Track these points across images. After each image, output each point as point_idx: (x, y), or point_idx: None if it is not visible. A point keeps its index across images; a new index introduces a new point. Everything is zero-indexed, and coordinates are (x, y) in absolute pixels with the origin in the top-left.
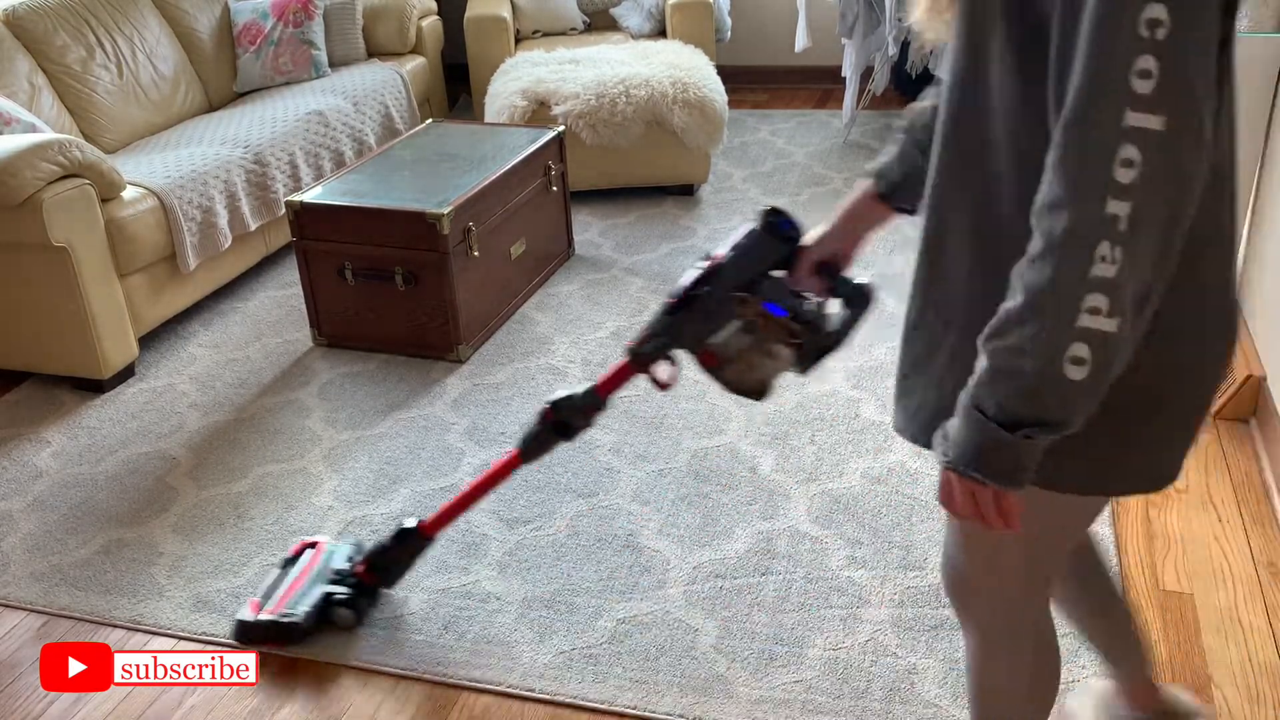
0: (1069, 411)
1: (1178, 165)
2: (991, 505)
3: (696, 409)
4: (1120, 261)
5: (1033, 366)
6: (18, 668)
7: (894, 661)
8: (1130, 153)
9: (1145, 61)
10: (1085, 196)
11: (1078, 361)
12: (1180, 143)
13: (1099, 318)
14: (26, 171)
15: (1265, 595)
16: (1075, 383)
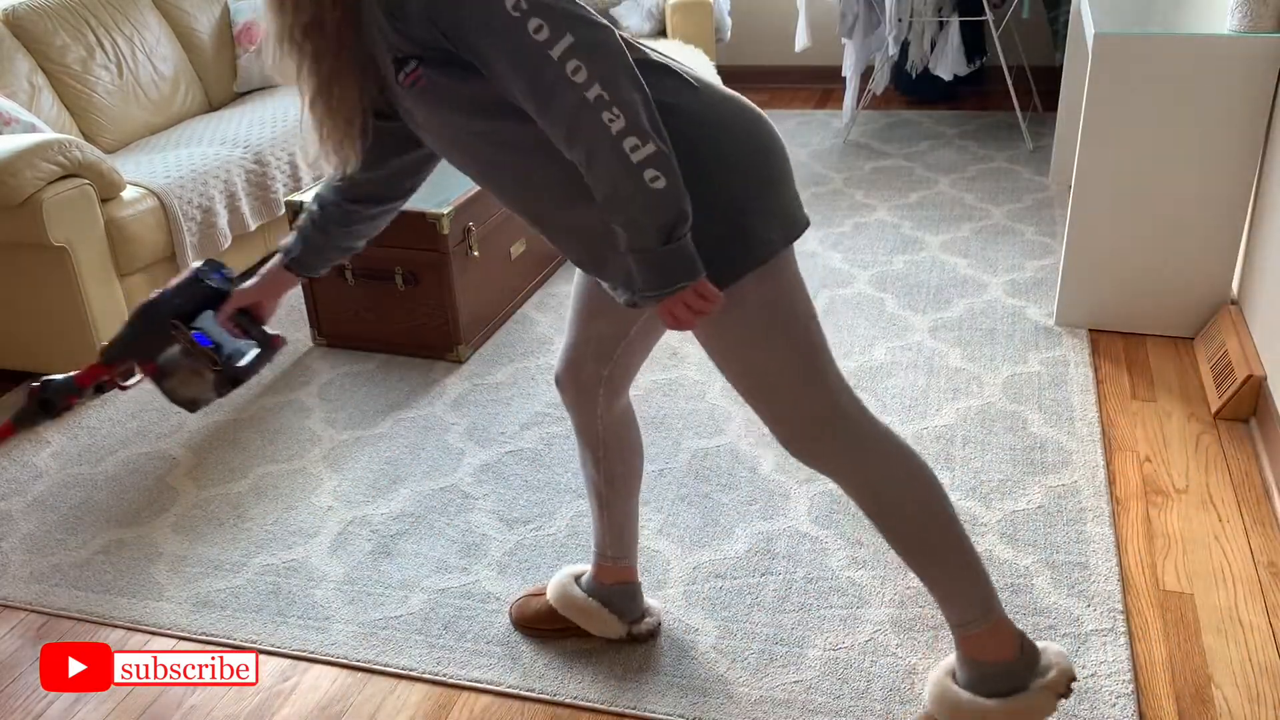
0: (682, 202)
1: (597, 46)
2: (696, 298)
3: (696, 409)
4: (619, 112)
5: (640, 204)
6: (18, 668)
7: (894, 661)
8: (571, 66)
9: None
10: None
11: (654, 179)
12: (590, 39)
13: (641, 148)
14: (26, 171)
15: (1265, 595)
16: (665, 189)
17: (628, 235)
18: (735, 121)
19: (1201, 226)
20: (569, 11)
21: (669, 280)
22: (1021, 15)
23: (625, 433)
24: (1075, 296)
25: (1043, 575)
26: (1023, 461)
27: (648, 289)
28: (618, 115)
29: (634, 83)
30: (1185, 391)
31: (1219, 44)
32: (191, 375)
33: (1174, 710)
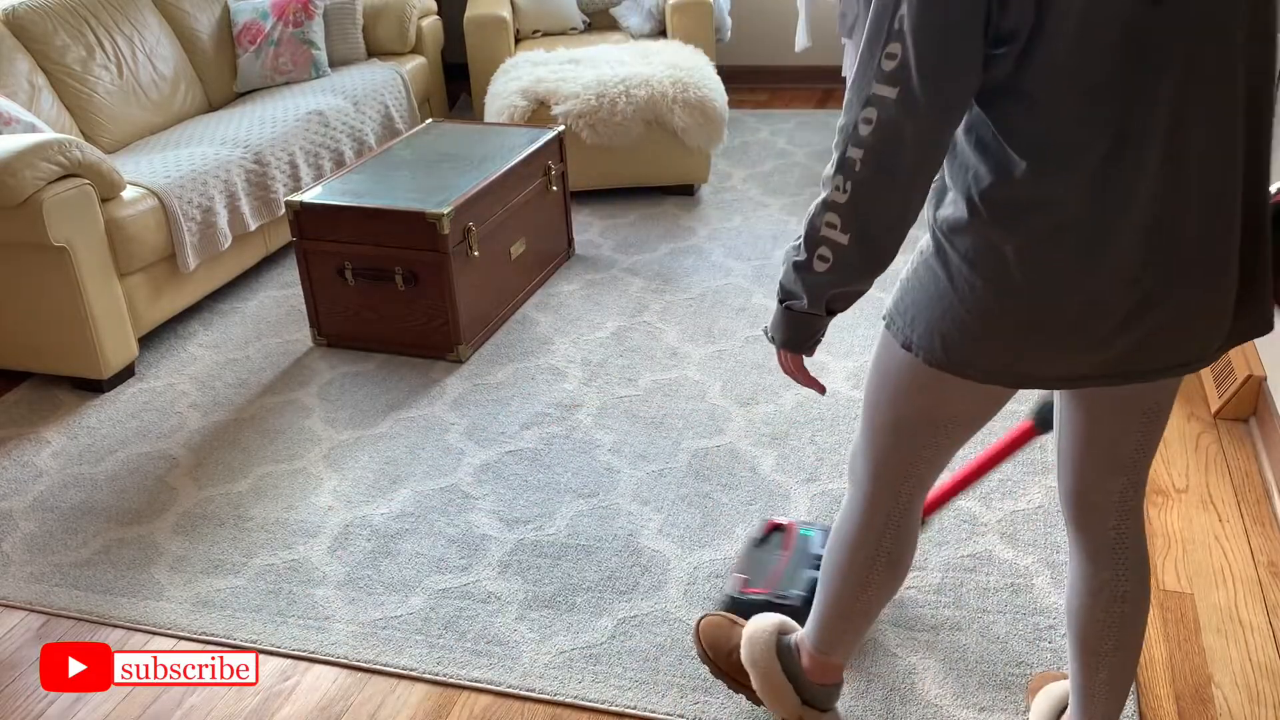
0: (814, 293)
1: (899, 128)
2: (787, 363)
3: (696, 409)
4: (849, 192)
5: (792, 259)
6: (18, 668)
7: (894, 661)
8: (869, 113)
9: (893, 46)
10: (838, 143)
11: (823, 259)
12: (905, 114)
13: (834, 231)
14: (26, 171)
15: (1265, 595)
16: (821, 274)
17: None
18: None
19: None
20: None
21: (774, 328)
22: None
23: None
24: None
25: (1043, 575)
26: (1023, 461)
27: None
28: (844, 189)
29: (890, 174)
30: (1185, 391)
31: None
32: None
33: (1174, 710)
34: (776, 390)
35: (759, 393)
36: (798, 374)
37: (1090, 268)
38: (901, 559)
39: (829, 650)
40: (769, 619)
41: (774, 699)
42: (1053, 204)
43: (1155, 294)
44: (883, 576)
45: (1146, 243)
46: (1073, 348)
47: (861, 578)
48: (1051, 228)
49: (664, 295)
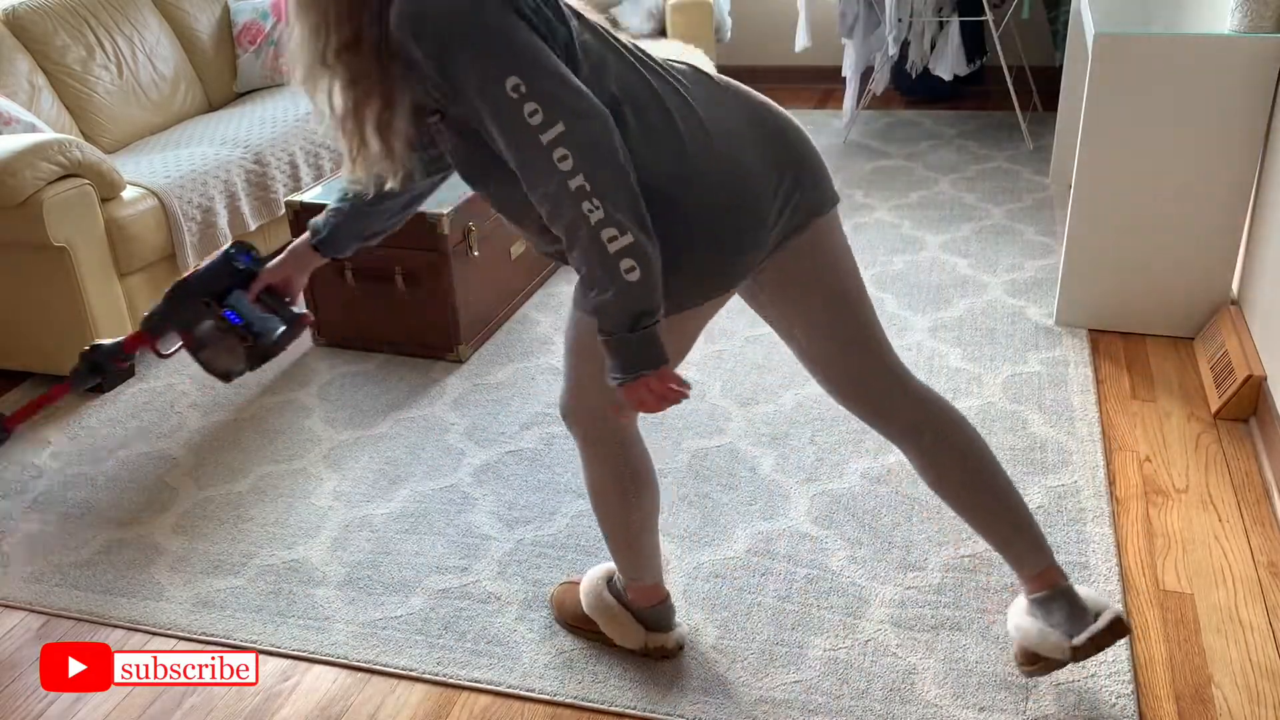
0: (652, 297)
1: (585, 138)
2: (659, 384)
3: (696, 409)
4: (598, 203)
5: (612, 292)
6: (18, 668)
7: (894, 661)
8: (561, 151)
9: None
10: (564, 201)
11: (630, 270)
12: (580, 130)
13: (619, 239)
14: (26, 171)
15: (1265, 595)
16: (637, 282)
17: (599, 318)
18: (704, 189)
19: (1201, 226)
20: (563, 101)
21: (632, 366)
22: (1021, 15)
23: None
24: (1075, 296)
25: None
26: (1023, 461)
27: (613, 372)
28: (597, 206)
29: (617, 175)
30: (1185, 391)
31: (1219, 44)
32: (224, 349)
33: (1174, 710)
34: (776, 390)
35: (759, 393)
36: (670, 389)
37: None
38: (645, 475)
39: (638, 576)
40: (597, 571)
41: (620, 634)
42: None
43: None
44: (638, 496)
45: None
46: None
47: (623, 505)
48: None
49: None
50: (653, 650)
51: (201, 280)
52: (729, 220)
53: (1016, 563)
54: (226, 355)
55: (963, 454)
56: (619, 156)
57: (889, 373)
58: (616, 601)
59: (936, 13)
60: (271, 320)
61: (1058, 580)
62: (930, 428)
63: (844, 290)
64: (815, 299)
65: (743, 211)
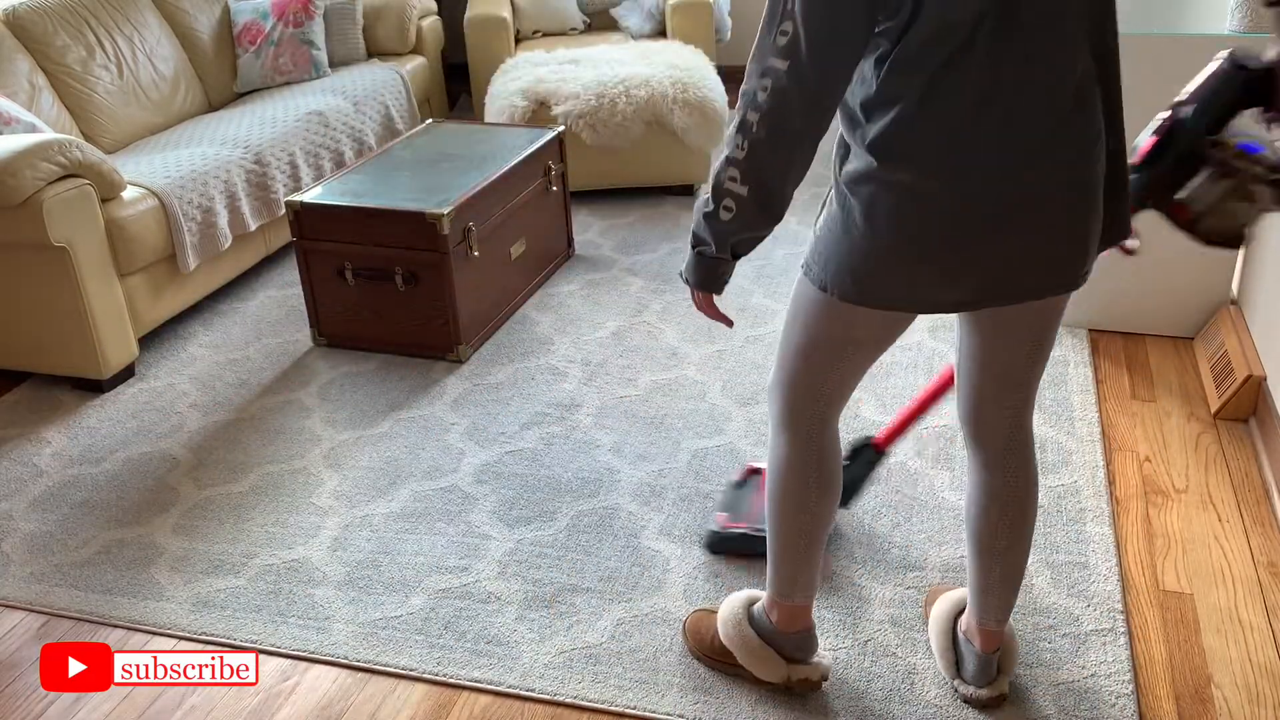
0: (720, 239)
1: (789, 95)
2: (702, 303)
3: (696, 409)
4: (746, 150)
5: (701, 210)
6: (18, 668)
7: (894, 661)
8: (768, 81)
9: (785, 25)
10: (739, 107)
11: (727, 209)
12: (795, 84)
13: (735, 184)
14: (26, 171)
15: (1265, 595)
16: (725, 221)
17: (693, 220)
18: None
19: None
20: (802, 42)
21: (689, 271)
22: None
23: None
24: (1075, 296)
25: (1043, 575)
26: None
27: (683, 267)
28: (742, 146)
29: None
30: (1185, 391)
31: (1219, 44)
32: (1233, 199)
33: (1174, 710)
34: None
35: (759, 393)
36: (709, 310)
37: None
38: (829, 476)
39: (789, 593)
40: (736, 598)
41: (760, 667)
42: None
43: (1020, 226)
44: (816, 495)
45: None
46: (958, 275)
47: (798, 501)
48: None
49: (664, 295)
50: (796, 684)
51: (1206, 107)
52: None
53: (986, 613)
54: (1242, 208)
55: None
56: (805, 127)
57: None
58: (756, 634)
59: None
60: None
61: (993, 646)
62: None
63: (1037, 359)
64: (1007, 355)
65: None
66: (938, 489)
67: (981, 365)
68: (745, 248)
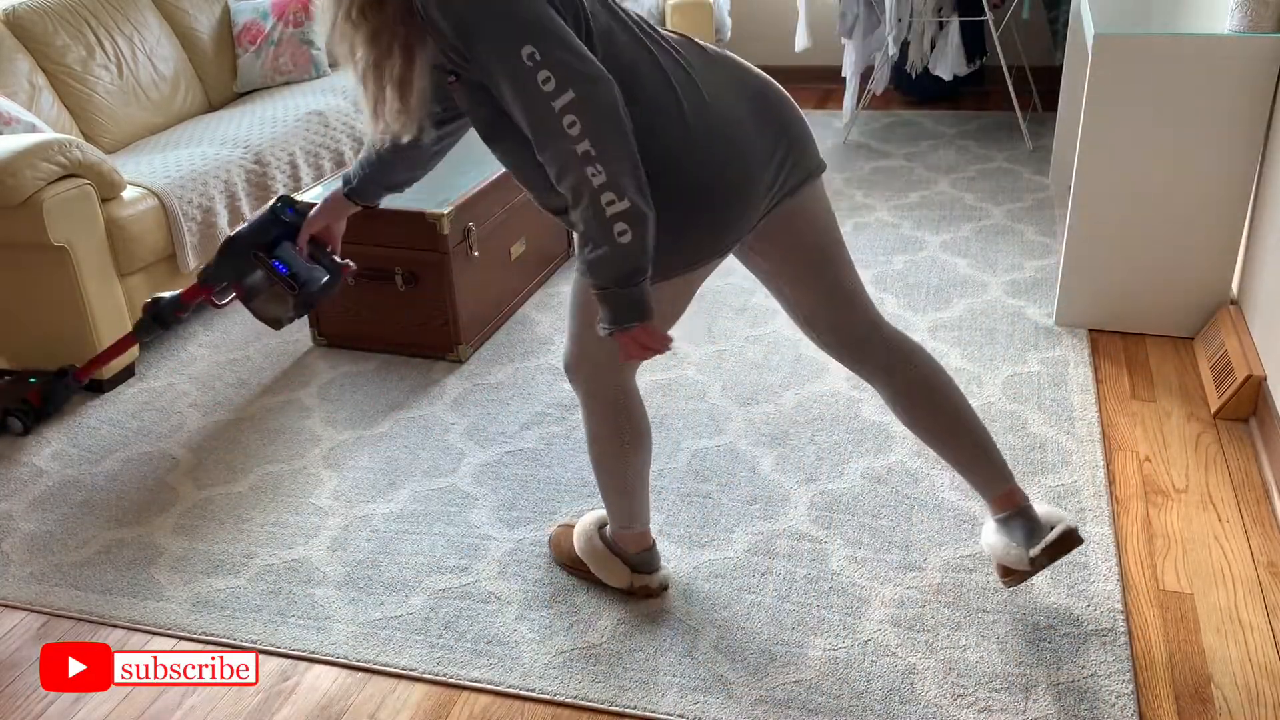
0: (641, 259)
1: (593, 106)
2: (646, 336)
3: (696, 409)
4: (602, 168)
5: (605, 251)
6: (18, 668)
7: (894, 661)
8: (570, 118)
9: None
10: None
11: (623, 233)
12: (589, 98)
13: (616, 204)
14: (26, 171)
15: (1265, 595)
16: (629, 244)
17: (592, 273)
18: (704, 160)
19: (1201, 226)
20: (574, 69)
21: (621, 318)
22: (1021, 15)
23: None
24: (1075, 296)
25: (1043, 575)
26: (1023, 461)
27: (604, 322)
28: (600, 171)
29: (620, 143)
30: (1185, 391)
31: (1219, 44)
32: (273, 298)
33: (1174, 710)
34: (776, 390)
35: (759, 393)
36: (654, 342)
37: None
38: (641, 428)
39: (628, 524)
40: (589, 518)
41: (608, 574)
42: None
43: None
44: (631, 450)
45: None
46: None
47: (619, 456)
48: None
49: None
50: (638, 589)
51: (251, 234)
52: (726, 190)
53: (982, 487)
54: (276, 303)
55: (931, 390)
56: (624, 125)
57: (865, 321)
58: (606, 547)
59: (936, 13)
60: (316, 270)
61: (1018, 501)
62: (901, 369)
63: (827, 247)
64: (801, 256)
65: (739, 182)
66: (938, 489)
67: (793, 279)
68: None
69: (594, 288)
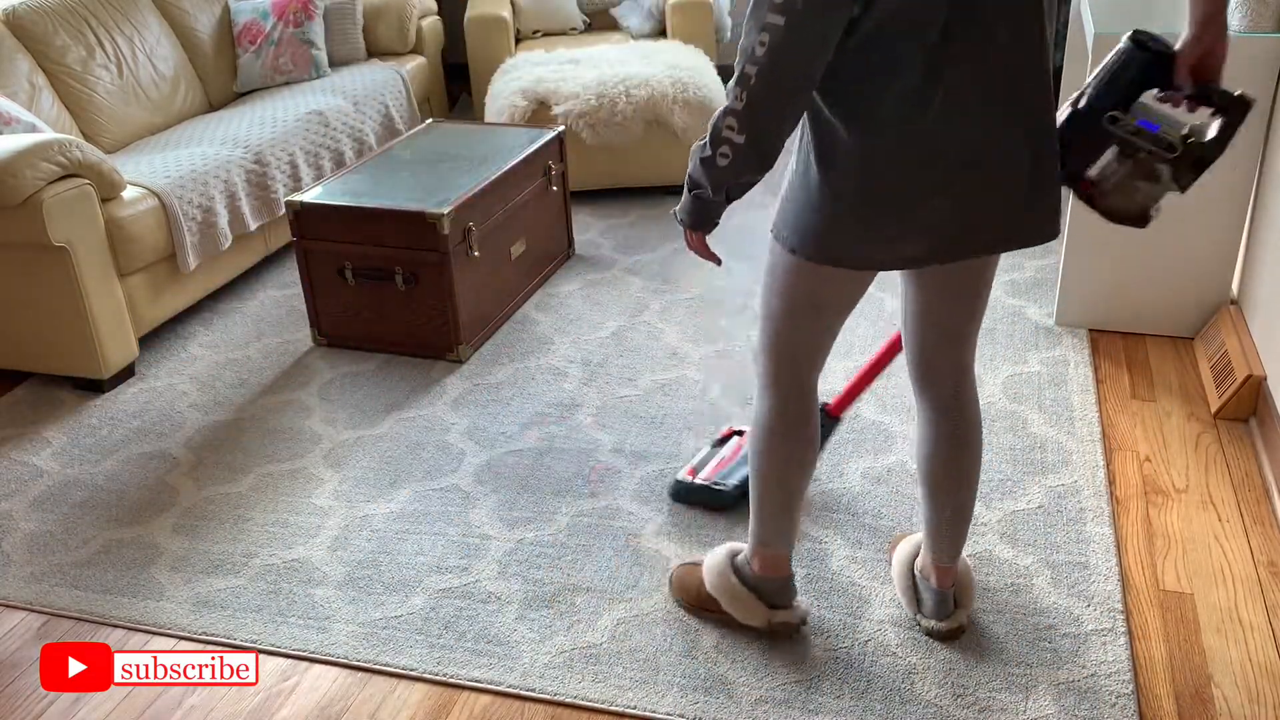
0: (721, 183)
1: (785, 51)
2: (695, 242)
3: (697, 409)
4: (743, 95)
5: (699, 154)
6: (18, 668)
7: (894, 661)
8: (765, 36)
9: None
10: (739, 61)
11: (724, 156)
12: (791, 38)
13: (732, 133)
14: (26, 171)
15: (1265, 595)
16: (722, 168)
17: (690, 159)
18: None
19: (1201, 226)
20: (797, 9)
21: (683, 210)
22: None
23: None
24: (1075, 296)
25: (1043, 575)
26: (1023, 461)
27: (678, 207)
28: (741, 98)
29: (777, 100)
30: (1185, 391)
31: None
32: (1137, 178)
33: (1174, 710)
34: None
35: None
36: (702, 248)
37: (920, 174)
38: (807, 434)
39: (771, 541)
40: (720, 550)
41: (742, 611)
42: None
43: (970, 191)
44: (796, 452)
45: (962, 153)
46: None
47: (778, 456)
48: (892, 140)
49: (664, 295)
50: (777, 627)
51: (1104, 91)
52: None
53: (934, 548)
54: (1142, 184)
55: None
56: (798, 80)
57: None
58: (739, 581)
59: None
60: (1198, 114)
61: (946, 585)
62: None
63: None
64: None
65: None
66: None
67: (929, 321)
68: (738, 192)
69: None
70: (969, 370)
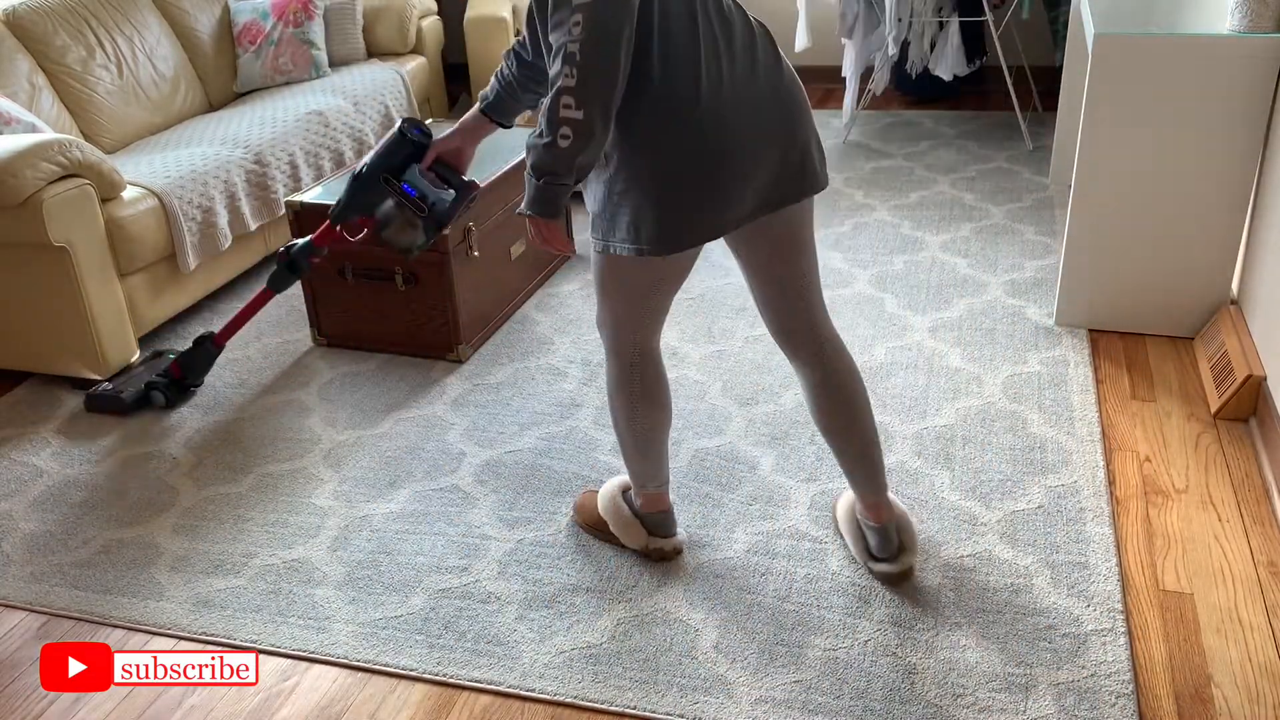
0: (568, 166)
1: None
2: (545, 231)
3: (696, 409)
4: (575, 73)
5: (543, 143)
6: (18, 668)
7: (894, 661)
8: (578, 17)
9: None
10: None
11: (564, 136)
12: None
13: (570, 110)
14: (27, 171)
15: (1265, 595)
16: (564, 148)
17: (527, 154)
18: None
19: (1201, 226)
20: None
21: (530, 204)
22: (1021, 15)
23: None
24: (1075, 296)
25: (1043, 575)
26: (1023, 461)
27: (523, 202)
28: (572, 75)
29: (605, 61)
30: (1185, 391)
31: (1219, 44)
32: (405, 224)
33: (1174, 710)
34: (776, 390)
35: (759, 393)
36: (555, 239)
37: (717, 143)
38: (654, 391)
39: (643, 483)
40: (615, 480)
41: (626, 534)
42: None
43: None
44: (644, 409)
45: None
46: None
47: (630, 413)
48: (687, 117)
49: None
50: (652, 552)
51: (379, 160)
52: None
53: (864, 488)
54: (408, 230)
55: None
56: (616, 51)
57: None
58: (627, 507)
59: (936, 13)
60: (444, 191)
61: (883, 519)
62: (822, 367)
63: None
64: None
65: (724, 179)
66: (938, 489)
67: (766, 277)
68: (583, 172)
69: (526, 168)
70: (824, 320)
